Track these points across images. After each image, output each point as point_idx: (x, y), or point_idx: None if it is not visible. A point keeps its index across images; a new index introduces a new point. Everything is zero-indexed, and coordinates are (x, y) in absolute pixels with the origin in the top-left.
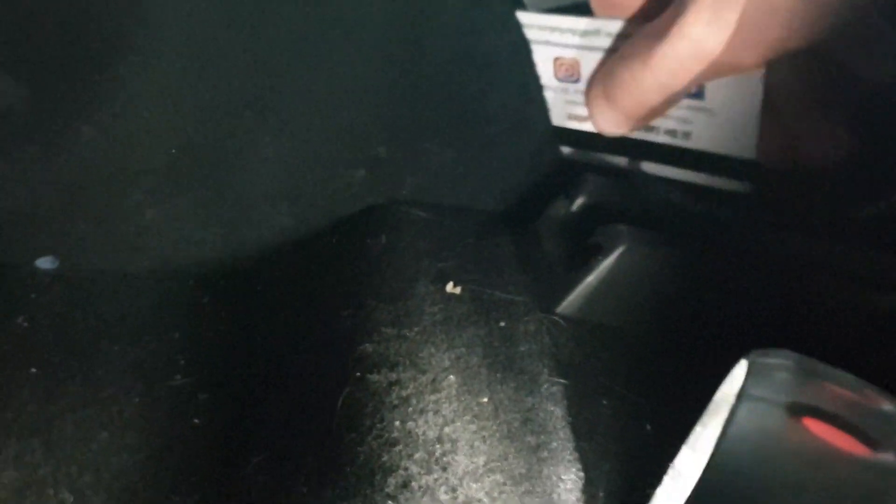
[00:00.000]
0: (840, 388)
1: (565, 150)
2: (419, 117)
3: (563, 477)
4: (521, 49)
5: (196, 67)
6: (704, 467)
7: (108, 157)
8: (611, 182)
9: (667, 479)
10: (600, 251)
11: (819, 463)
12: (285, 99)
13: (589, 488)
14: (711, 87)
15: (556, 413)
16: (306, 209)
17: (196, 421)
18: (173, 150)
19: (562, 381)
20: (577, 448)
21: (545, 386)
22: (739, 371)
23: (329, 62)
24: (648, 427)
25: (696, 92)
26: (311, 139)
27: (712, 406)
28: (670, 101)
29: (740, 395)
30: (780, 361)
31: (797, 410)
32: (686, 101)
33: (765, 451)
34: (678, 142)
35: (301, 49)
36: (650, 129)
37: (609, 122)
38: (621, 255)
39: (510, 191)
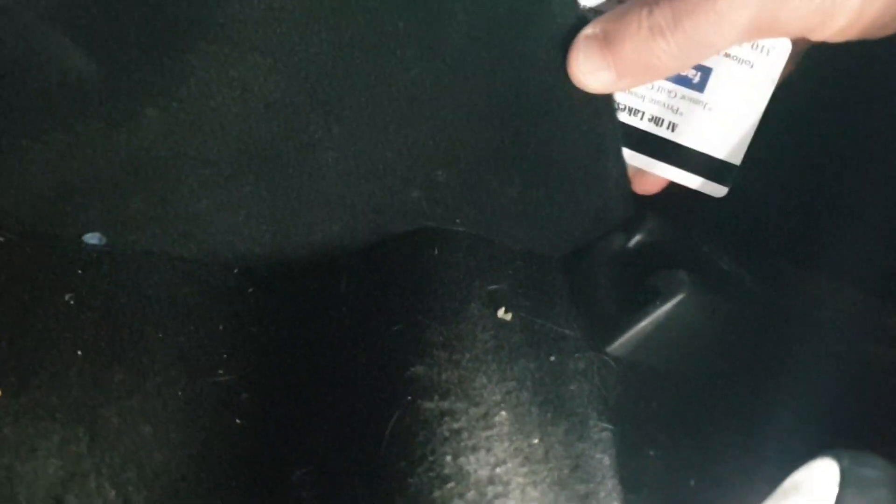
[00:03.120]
0: None
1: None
2: (484, 147)
3: None
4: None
5: (268, 63)
6: None
7: (168, 141)
8: (670, 225)
9: None
10: (658, 295)
11: None
12: (352, 107)
13: None
14: (714, 82)
15: (604, 461)
16: (357, 219)
17: (238, 421)
18: (234, 143)
19: (610, 426)
20: (625, 500)
21: (594, 431)
22: (821, 467)
23: (402, 77)
24: (693, 483)
25: (696, 82)
26: (371, 151)
27: (780, 492)
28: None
29: None
30: (878, 474)
31: None
32: (682, 90)
33: None
34: (661, 132)
35: (375, 60)
36: (632, 111)
37: (591, 70)
38: (680, 302)
39: (570, 241)
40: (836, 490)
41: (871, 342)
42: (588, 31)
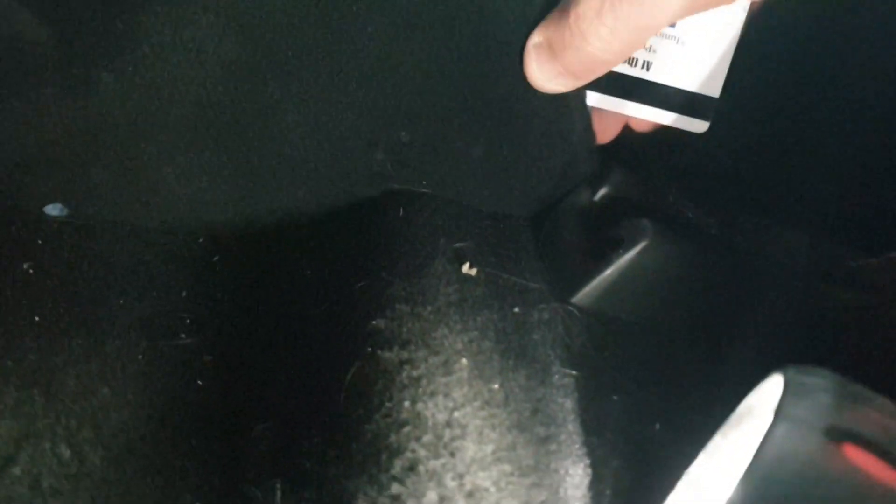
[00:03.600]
0: (881, 416)
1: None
2: (447, 106)
3: (570, 471)
4: None
5: (222, 24)
6: (737, 486)
7: (125, 107)
8: (636, 177)
9: (680, 486)
10: (622, 244)
11: (856, 494)
12: (310, 67)
13: (596, 485)
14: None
15: (566, 405)
16: (322, 183)
17: (199, 382)
18: (192, 108)
19: (573, 372)
20: (586, 443)
21: (556, 376)
22: (770, 385)
23: (359, 34)
24: (658, 426)
25: None
26: (332, 112)
27: (734, 417)
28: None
29: (778, 414)
30: (820, 381)
31: (837, 435)
32: None
33: (801, 476)
34: (636, 72)
35: (332, 17)
36: None
37: (548, 78)
38: (643, 249)
39: (537, 200)
40: None
41: (831, 285)
42: (535, 39)
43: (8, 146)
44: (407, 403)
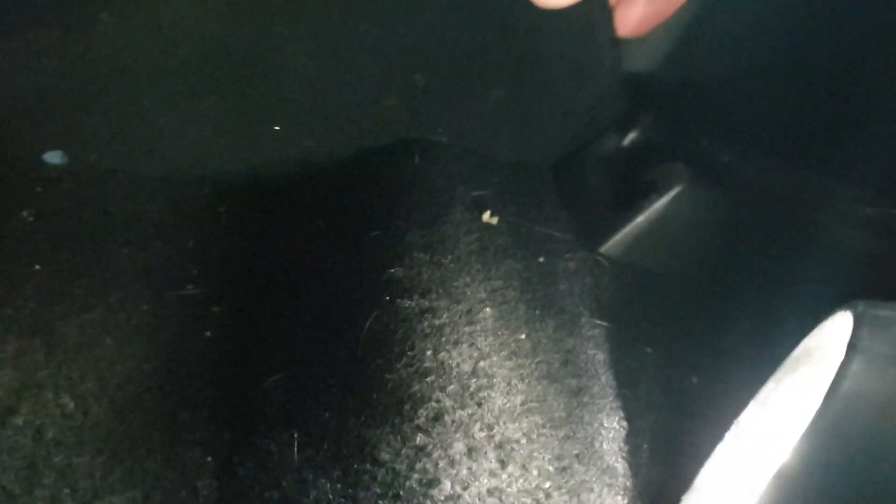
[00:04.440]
0: None
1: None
2: (465, 46)
3: (605, 424)
4: None
5: None
6: (810, 424)
7: (126, 50)
8: (668, 120)
9: (729, 436)
10: (654, 189)
11: None
12: (319, 5)
13: (632, 439)
14: None
15: (597, 357)
16: (333, 132)
17: (208, 334)
18: (195, 50)
19: (604, 323)
20: (620, 395)
21: (586, 328)
22: (835, 323)
23: None
24: (695, 380)
25: None
26: (343, 55)
27: (790, 362)
28: None
29: (852, 348)
30: None
31: None
32: None
33: (883, 412)
34: None
35: None
36: None
37: None
38: (677, 195)
39: (561, 145)
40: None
41: (870, 234)
42: None
43: (4, 91)
44: (430, 352)
